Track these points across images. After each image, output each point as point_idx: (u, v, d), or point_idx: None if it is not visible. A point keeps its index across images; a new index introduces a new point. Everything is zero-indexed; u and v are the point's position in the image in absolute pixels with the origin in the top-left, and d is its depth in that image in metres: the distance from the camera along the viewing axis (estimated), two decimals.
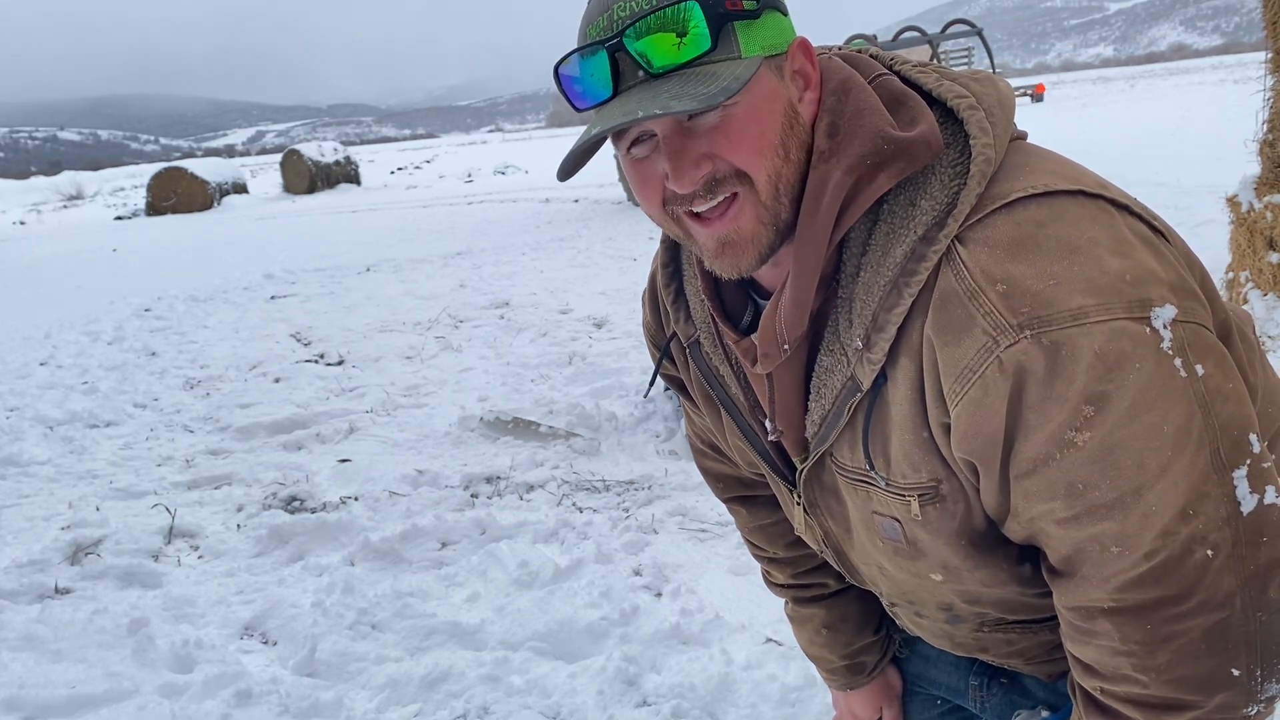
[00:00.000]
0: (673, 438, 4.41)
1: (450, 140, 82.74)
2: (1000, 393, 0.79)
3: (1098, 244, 0.79)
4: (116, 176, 45.79)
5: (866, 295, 0.87)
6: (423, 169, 35.42)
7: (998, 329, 0.78)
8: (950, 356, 0.81)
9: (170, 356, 6.83)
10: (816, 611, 1.31)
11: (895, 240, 0.85)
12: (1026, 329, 0.77)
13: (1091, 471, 0.78)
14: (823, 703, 2.43)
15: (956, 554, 0.94)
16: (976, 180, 0.83)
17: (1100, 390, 0.76)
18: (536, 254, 10.53)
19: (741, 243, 0.88)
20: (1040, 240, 0.79)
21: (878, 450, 0.92)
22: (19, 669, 2.77)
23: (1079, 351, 0.76)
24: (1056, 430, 0.78)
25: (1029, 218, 0.80)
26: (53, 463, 4.68)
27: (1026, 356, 0.77)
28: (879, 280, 0.86)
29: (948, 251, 0.82)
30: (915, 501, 0.91)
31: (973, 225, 0.82)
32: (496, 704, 2.54)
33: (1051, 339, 0.76)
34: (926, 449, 0.88)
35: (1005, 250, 0.80)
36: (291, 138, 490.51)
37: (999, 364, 0.78)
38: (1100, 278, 0.77)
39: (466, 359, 6.16)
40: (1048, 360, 0.77)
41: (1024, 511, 0.85)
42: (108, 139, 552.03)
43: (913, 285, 0.83)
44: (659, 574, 3.14)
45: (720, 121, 0.84)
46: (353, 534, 3.59)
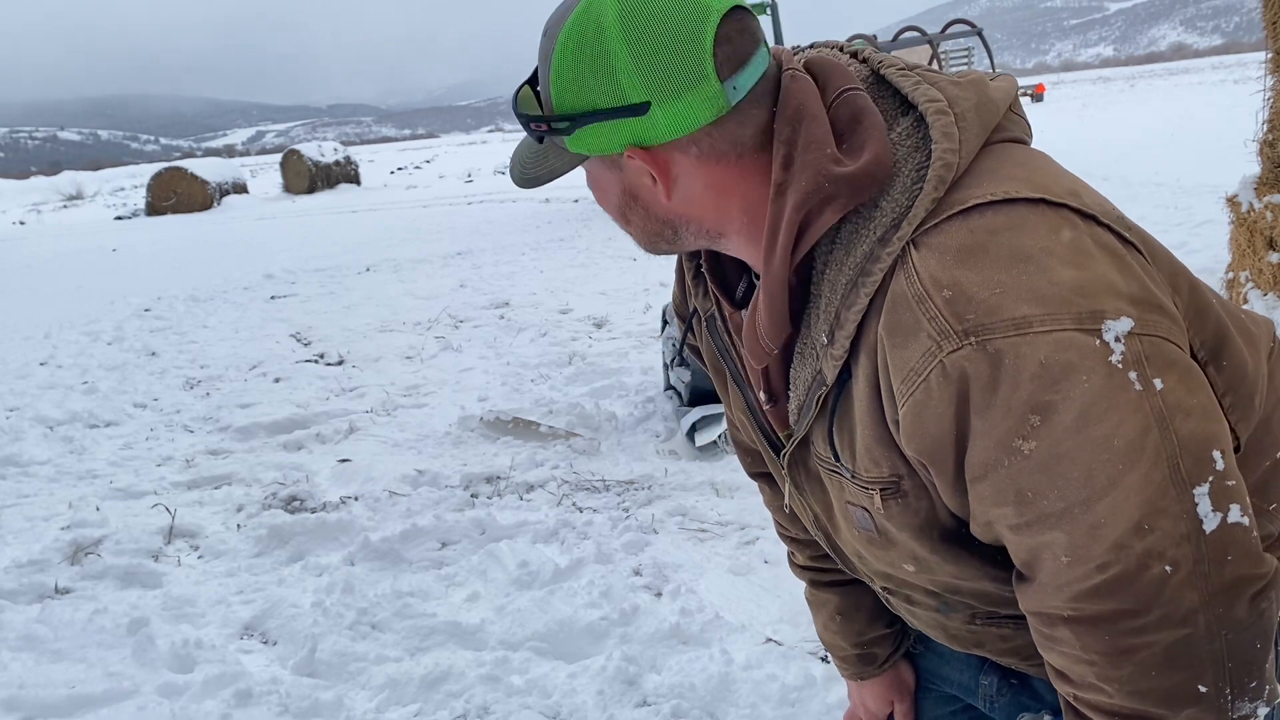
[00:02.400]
0: (672, 438, 4.41)
1: (450, 140, 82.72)
2: (944, 397, 0.80)
3: (1050, 254, 0.79)
4: (116, 176, 45.80)
5: (831, 293, 0.89)
6: (422, 169, 35.42)
7: (942, 334, 0.79)
8: (898, 358, 0.82)
9: (170, 356, 6.83)
10: (832, 597, 1.31)
11: (857, 240, 0.87)
12: (971, 335, 0.78)
13: (1039, 480, 0.78)
14: (823, 703, 2.43)
15: (924, 547, 0.95)
16: (933, 185, 0.84)
17: (1046, 400, 0.76)
18: (536, 254, 10.53)
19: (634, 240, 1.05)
20: (990, 248, 0.80)
21: (844, 443, 0.94)
22: (19, 669, 2.77)
23: (1022, 360, 0.76)
24: (1003, 437, 0.78)
25: (983, 225, 0.81)
26: (53, 463, 4.68)
27: (969, 363, 0.78)
28: (840, 279, 0.88)
29: (902, 254, 0.83)
30: (877, 495, 0.93)
31: (928, 230, 0.83)
32: (496, 704, 2.54)
33: (995, 347, 0.77)
34: (886, 445, 0.89)
35: (955, 256, 0.80)
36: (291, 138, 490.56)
37: (942, 369, 0.79)
38: (1048, 288, 0.78)
39: (466, 359, 6.16)
40: (990, 368, 0.77)
41: (980, 515, 0.86)
42: (108, 139, 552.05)
43: (868, 285, 0.85)
44: (659, 574, 3.14)
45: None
46: (353, 534, 3.59)
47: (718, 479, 3.90)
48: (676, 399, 4.56)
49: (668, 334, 4.77)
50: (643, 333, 6.35)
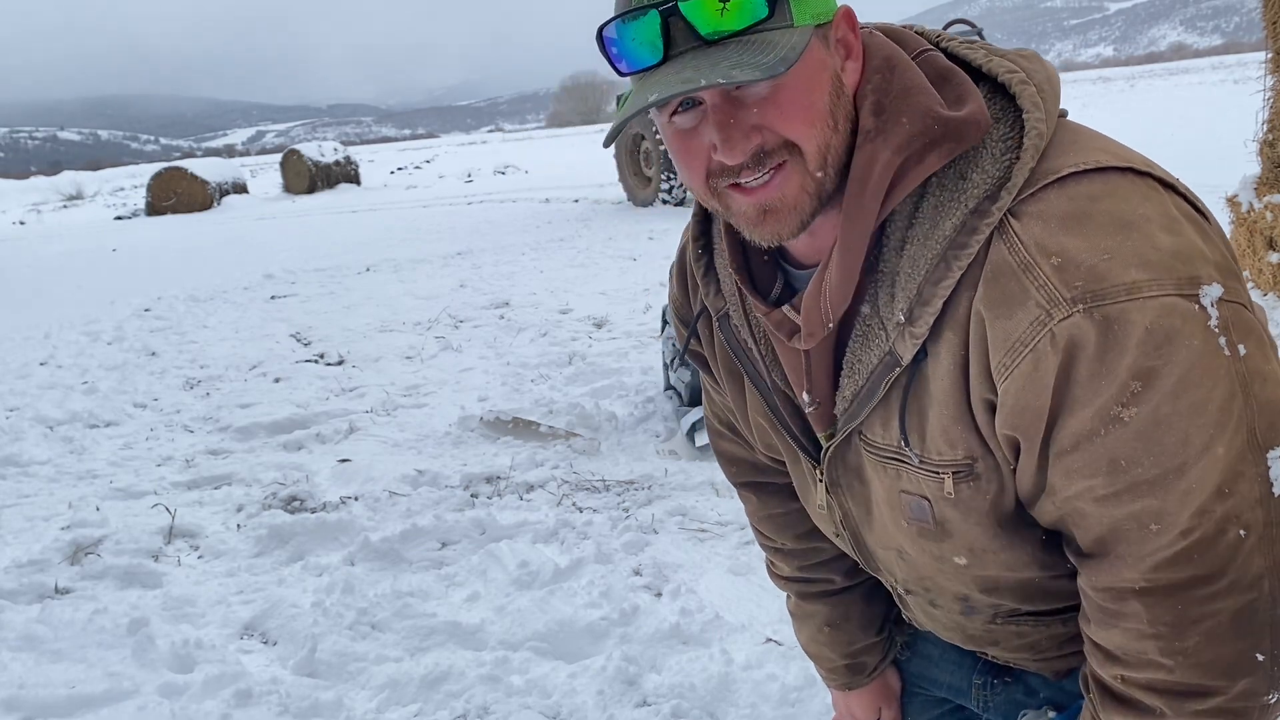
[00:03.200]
0: (672, 438, 4.41)
1: (450, 140, 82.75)
2: (1050, 367, 0.79)
3: (1149, 220, 0.79)
4: (116, 176, 45.80)
5: (912, 269, 0.86)
6: (422, 169, 35.42)
7: (1051, 302, 0.78)
8: (1001, 330, 0.81)
9: (170, 356, 6.83)
10: (820, 608, 1.30)
11: (944, 214, 0.84)
12: (1080, 303, 0.77)
13: (1135, 448, 0.78)
14: (823, 703, 2.43)
15: (985, 534, 0.94)
16: (1030, 154, 0.82)
17: (1149, 366, 0.76)
18: (536, 254, 10.53)
19: (784, 210, 0.87)
20: (1094, 215, 0.79)
21: (913, 426, 0.92)
22: (19, 669, 2.77)
23: (1131, 326, 0.76)
24: (1104, 405, 0.78)
25: (1082, 192, 0.80)
26: (53, 463, 4.68)
27: (1079, 330, 0.77)
28: (925, 254, 0.85)
29: (1000, 225, 0.82)
30: (950, 479, 0.91)
31: (1025, 199, 0.82)
32: (496, 704, 2.54)
33: (1104, 313, 0.76)
34: (965, 426, 0.88)
35: (1059, 224, 0.79)
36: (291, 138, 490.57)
37: (1051, 337, 0.78)
38: (1152, 253, 0.77)
39: (466, 359, 6.16)
40: (1100, 334, 0.77)
41: (1062, 489, 0.84)
42: (108, 139, 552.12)
43: (962, 258, 0.83)
44: (659, 574, 3.14)
45: (771, 92, 0.83)
46: (353, 534, 3.59)
47: (718, 479, 3.90)
48: (676, 399, 4.56)
49: (668, 334, 4.77)
50: (643, 333, 6.35)
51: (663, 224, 12.17)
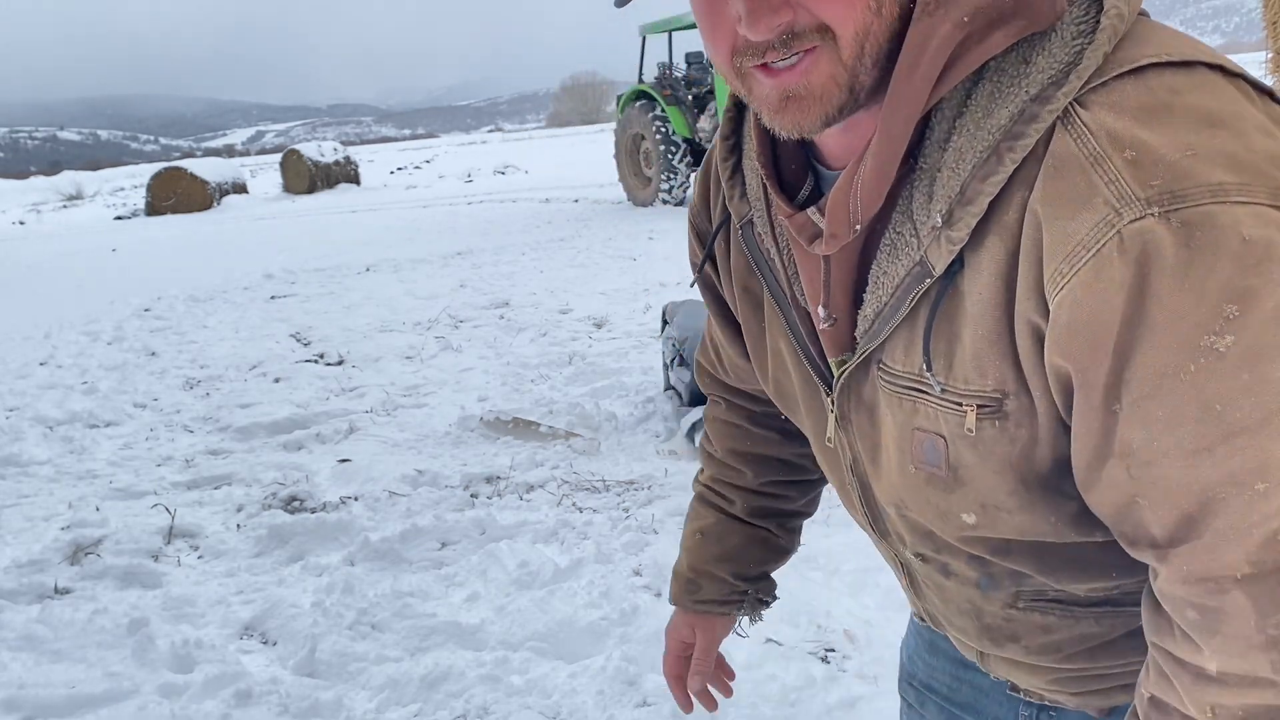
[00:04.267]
0: (672, 438, 4.41)
1: (450, 140, 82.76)
2: (1117, 280, 0.65)
3: (1243, 119, 0.67)
4: (116, 176, 45.77)
5: (957, 164, 0.74)
6: (422, 169, 35.41)
7: (1122, 199, 0.65)
8: (1060, 232, 0.68)
9: (170, 356, 6.83)
10: (706, 516, 1.28)
11: (1001, 101, 0.73)
12: (1156, 204, 0.64)
13: (1233, 386, 0.64)
14: (823, 703, 2.43)
15: (1003, 488, 0.81)
16: (1107, 36, 0.70)
17: (1246, 285, 0.63)
18: (536, 254, 10.53)
19: (809, 99, 0.77)
20: (1176, 108, 0.67)
21: (939, 349, 0.79)
22: (19, 669, 2.77)
23: (1221, 235, 0.63)
24: (1191, 333, 0.64)
25: (1163, 84, 0.69)
26: (52, 463, 4.68)
27: (1154, 236, 0.64)
28: (975, 146, 0.73)
29: (1065, 113, 0.70)
30: (973, 413, 0.78)
31: (1095, 89, 0.69)
32: (496, 704, 2.54)
33: (1184, 218, 0.63)
34: (1002, 351, 0.74)
35: (1135, 116, 0.67)
36: (291, 138, 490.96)
37: (1119, 241, 0.65)
38: (1246, 155, 0.65)
39: (466, 359, 6.16)
40: (1180, 243, 0.63)
41: (1141, 447, 0.68)
42: (108, 139, 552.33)
43: (1018, 150, 0.71)
44: (659, 574, 3.14)
45: None
46: (353, 534, 3.59)
47: None
48: (676, 399, 4.57)
49: (668, 334, 4.77)
50: (643, 333, 6.35)
51: (663, 224, 12.17)
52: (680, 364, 4.53)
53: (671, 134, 13.93)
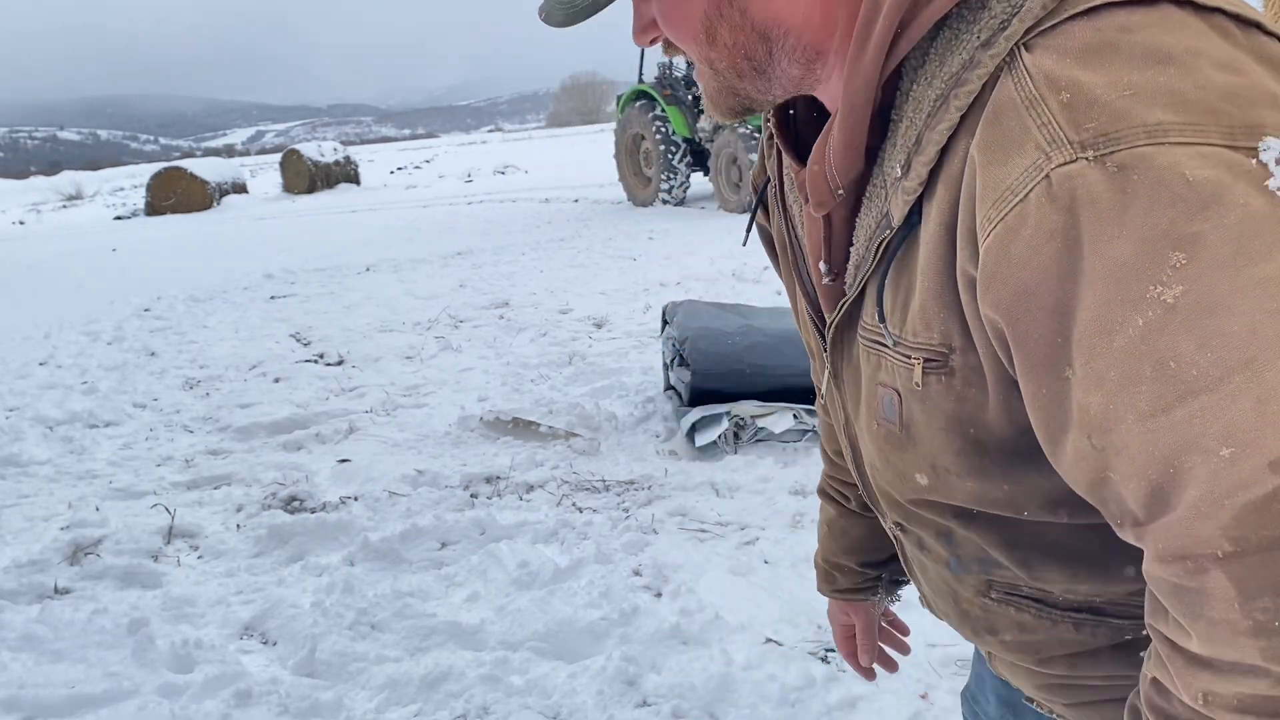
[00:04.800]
0: (672, 438, 4.41)
1: (450, 140, 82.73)
2: (1046, 227, 0.62)
3: (1199, 55, 0.62)
4: (116, 176, 45.75)
5: (915, 114, 0.73)
6: (422, 169, 35.41)
7: (1053, 142, 0.62)
8: (993, 177, 0.65)
9: (170, 356, 6.83)
10: (829, 510, 1.32)
11: (955, 49, 0.71)
12: (1090, 148, 0.60)
13: (1187, 341, 0.58)
14: (823, 703, 2.43)
15: (949, 448, 0.77)
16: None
17: (1193, 231, 0.58)
18: (536, 254, 10.53)
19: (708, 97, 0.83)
20: (1122, 46, 0.63)
21: (897, 301, 0.77)
22: (19, 669, 2.77)
23: (1160, 177, 0.58)
24: (1135, 283, 0.59)
25: (1114, 23, 0.64)
26: (52, 463, 4.68)
27: (1084, 180, 0.60)
28: (930, 95, 0.72)
29: (1009, 57, 0.67)
30: (919, 366, 0.75)
31: (1045, 32, 0.66)
32: (496, 704, 2.54)
33: (1118, 161, 0.59)
34: (946, 304, 0.72)
35: (1076, 56, 0.64)
36: (291, 137, 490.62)
37: (1048, 185, 0.61)
38: (1193, 91, 0.60)
39: (466, 359, 6.16)
40: (1115, 188, 0.59)
41: (1099, 415, 0.62)
42: (107, 139, 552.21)
43: (963, 96, 0.68)
44: (659, 574, 3.14)
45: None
46: (352, 534, 3.59)
47: (718, 479, 3.90)
48: (676, 399, 4.56)
49: (668, 334, 4.77)
50: (643, 333, 6.35)
51: (663, 224, 12.17)
52: (680, 364, 4.53)
53: (671, 134, 13.93)
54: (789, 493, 3.73)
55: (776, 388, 4.28)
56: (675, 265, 9.01)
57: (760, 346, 4.41)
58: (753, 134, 12.31)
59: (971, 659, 1.28)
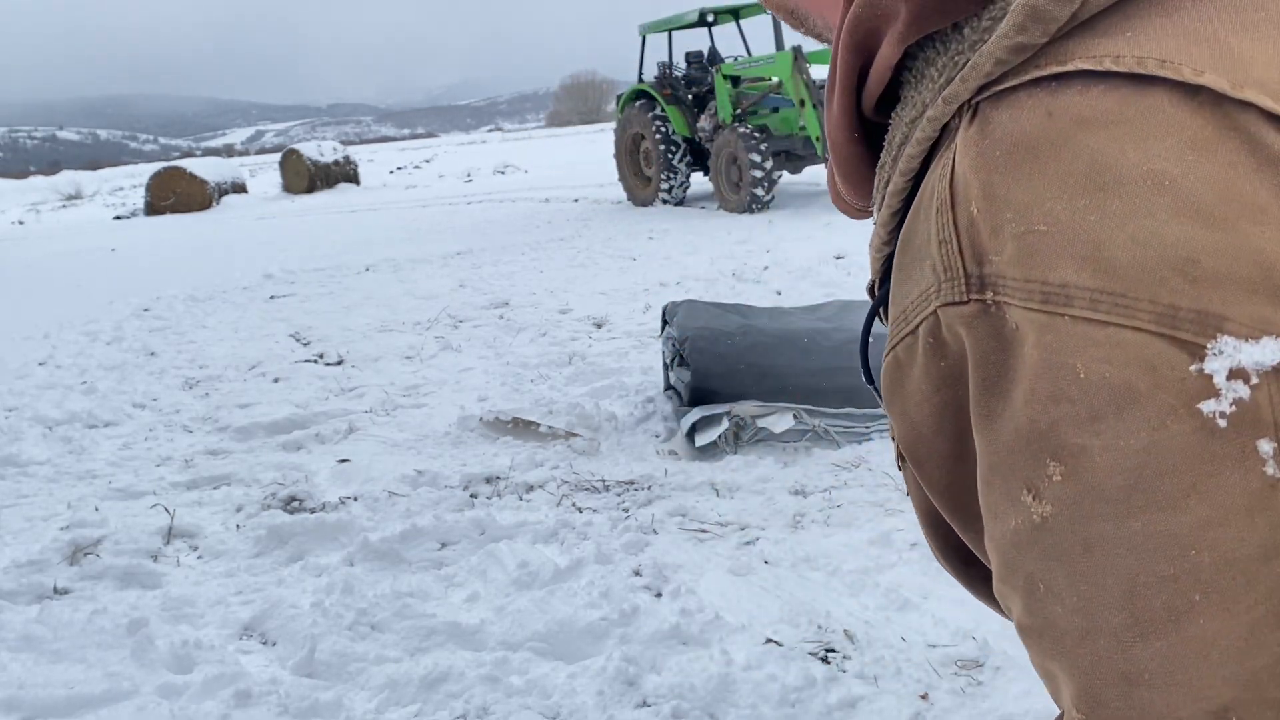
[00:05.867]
0: (672, 438, 4.41)
1: (450, 140, 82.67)
2: (933, 375, 0.52)
3: (1163, 186, 0.43)
4: (115, 176, 45.73)
5: (887, 151, 0.60)
6: (422, 168, 35.40)
7: (947, 270, 0.49)
8: (900, 289, 0.55)
9: (169, 356, 6.83)
10: None
11: (925, 81, 0.56)
12: (989, 289, 0.47)
13: (1057, 570, 0.47)
14: (823, 703, 2.43)
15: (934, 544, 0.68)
16: (1016, 21, 0.48)
17: (1076, 444, 0.44)
18: (536, 254, 10.53)
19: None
20: (1066, 150, 0.46)
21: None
22: (18, 669, 2.77)
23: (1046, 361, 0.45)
24: (1008, 477, 0.48)
25: (1074, 108, 0.46)
26: (51, 463, 4.67)
27: (971, 331, 0.48)
28: (897, 135, 0.58)
29: (955, 121, 0.52)
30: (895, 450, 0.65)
31: (1001, 95, 0.49)
32: (496, 704, 2.54)
33: (1014, 319, 0.46)
34: None
35: (1006, 152, 0.47)
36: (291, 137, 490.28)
37: (934, 324, 0.50)
38: (1127, 248, 0.43)
39: (466, 359, 6.15)
40: (1001, 352, 0.47)
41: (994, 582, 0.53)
42: (107, 139, 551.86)
43: (904, 160, 0.56)
44: (659, 574, 3.14)
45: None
46: (352, 534, 3.58)
47: (718, 479, 3.90)
48: (676, 399, 4.56)
49: (668, 334, 4.76)
50: (643, 333, 6.35)
51: (663, 224, 12.17)
52: (680, 364, 4.52)
53: (671, 134, 13.93)
54: (789, 493, 3.73)
55: (776, 388, 4.28)
56: (675, 265, 9.00)
57: (760, 346, 4.41)
58: (752, 134, 12.31)
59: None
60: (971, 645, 2.62)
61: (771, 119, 12.63)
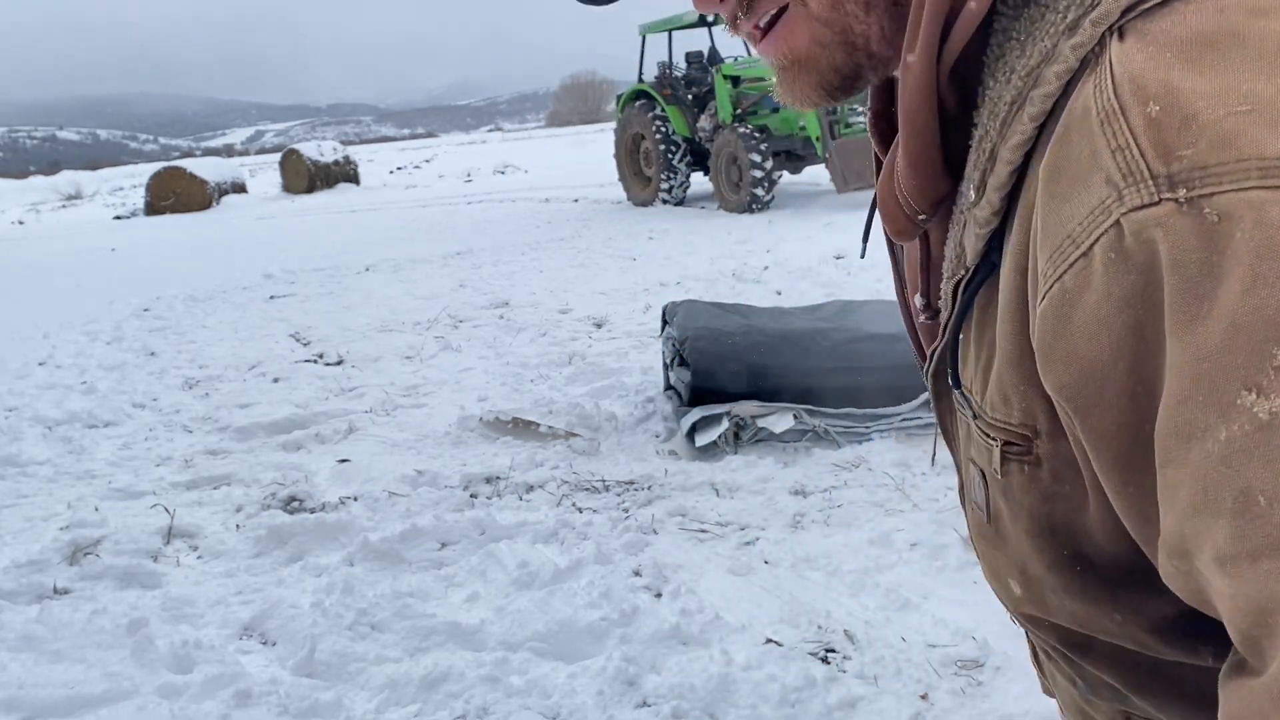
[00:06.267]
0: (672, 438, 4.40)
1: (450, 140, 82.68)
2: (1115, 293, 0.47)
3: None
4: (115, 176, 45.73)
5: (991, 120, 0.57)
6: (422, 168, 35.40)
7: (1128, 175, 0.46)
8: (1053, 217, 0.50)
9: (169, 356, 6.83)
10: None
11: (1037, 33, 0.54)
12: (1180, 185, 0.44)
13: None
14: (823, 703, 2.43)
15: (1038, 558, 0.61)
16: None
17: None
18: (536, 254, 10.53)
19: (796, 68, 0.65)
20: (1250, 37, 0.45)
21: (979, 363, 0.61)
22: (18, 669, 2.76)
23: (1272, 239, 0.42)
24: (1221, 382, 0.43)
25: (1244, 2, 0.47)
26: (51, 463, 4.67)
27: (1167, 232, 0.45)
28: (1006, 95, 0.56)
29: (1098, 48, 0.50)
30: (998, 450, 0.60)
31: (1149, 11, 0.48)
32: (496, 704, 2.54)
33: (1219, 207, 0.43)
34: (1024, 374, 0.56)
35: (1181, 50, 0.46)
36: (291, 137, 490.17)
37: (1118, 236, 0.46)
38: None
39: (466, 359, 6.15)
40: (1208, 246, 0.44)
41: (1174, 539, 0.48)
42: (107, 139, 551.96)
43: (1037, 101, 0.52)
44: (659, 574, 3.14)
45: None
46: (352, 534, 3.58)
47: (718, 479, 3.90)
48: (676, 399, 4.56)
49: (667, 334, 4.76)
50: (643, 333, 6.35)
51: (662, 224, 12.17)
52: (680, 364, 4.52)
53: (671, 134, 13.93)
54: (789, 493, 3.73)
55: (776, 388, 4.28)
56: (675, 265, 9.01)
57: (760, 346, 4.41)
58: (752, 134, 12.31)
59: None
60: (971, 645, 2.62)
61: (771, 119, 12.64)
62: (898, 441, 4.08)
